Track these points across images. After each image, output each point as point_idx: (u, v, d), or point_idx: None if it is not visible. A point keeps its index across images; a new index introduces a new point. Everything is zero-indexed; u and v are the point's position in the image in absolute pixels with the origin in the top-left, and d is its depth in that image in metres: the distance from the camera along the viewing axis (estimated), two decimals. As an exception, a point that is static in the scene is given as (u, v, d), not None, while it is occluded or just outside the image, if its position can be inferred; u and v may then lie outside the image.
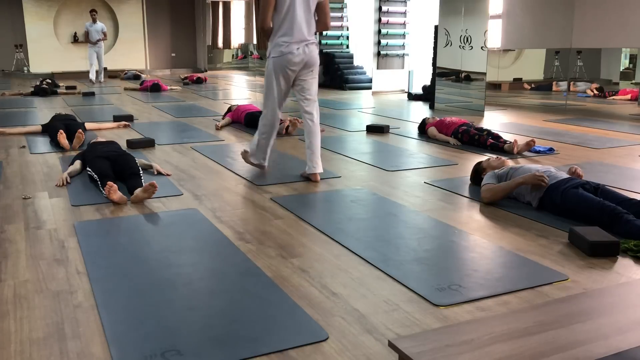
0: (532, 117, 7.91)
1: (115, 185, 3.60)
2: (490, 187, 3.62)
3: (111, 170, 4.03)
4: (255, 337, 1.99)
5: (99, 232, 3.14)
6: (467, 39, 8.44)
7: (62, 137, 5.37)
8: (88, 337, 2.01)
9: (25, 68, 16.33)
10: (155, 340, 1.96)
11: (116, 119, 7.13)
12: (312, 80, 4.22)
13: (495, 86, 11.16)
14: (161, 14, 17.96)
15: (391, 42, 11.39)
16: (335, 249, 2.87)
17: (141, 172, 3.99)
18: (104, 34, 13.29)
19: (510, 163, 4.02)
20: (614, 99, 10.07)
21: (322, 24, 4.17)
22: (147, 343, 1.95)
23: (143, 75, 14.61)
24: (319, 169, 4.23)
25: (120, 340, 1.97)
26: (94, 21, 13.16)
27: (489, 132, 5.57)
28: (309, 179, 4.24)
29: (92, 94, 10.85)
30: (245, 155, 4.52)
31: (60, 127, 5.61)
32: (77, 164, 4.36)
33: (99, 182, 3.86)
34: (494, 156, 4.09)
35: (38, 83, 11.63)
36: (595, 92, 10.43)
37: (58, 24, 16.41)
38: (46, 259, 2.73)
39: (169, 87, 11.94)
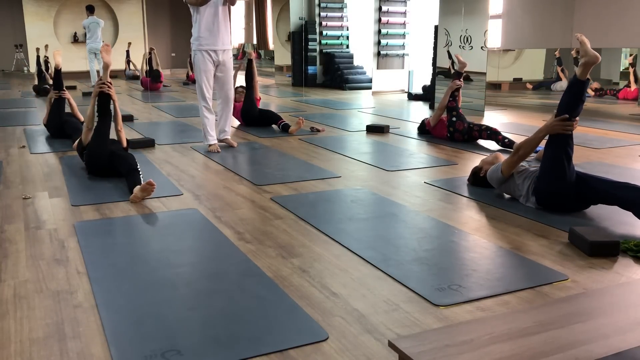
0: (532, 117, 7.91)
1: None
2: (510, 155, 3.56)
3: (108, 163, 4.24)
4: (255, 337, 1.99)
5: (99, 232, 3.13)
6: (467, 39, 8.44)
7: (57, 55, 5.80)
8: (88, 337, 2.01)
9: (25, 68, 16.33)
10: (155, 340, 1.96)
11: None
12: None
13: (495, 86, 11.16)
14: (161, 14, 17.95)
15: (391, 42, 11.38)
16: (335, 249, 2.87)
17: (139, 167, 3.99)
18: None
19: (503, 158, 4.02)
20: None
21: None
22: (147, 343, 1.95)
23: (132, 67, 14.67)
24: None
25: (120, 340, 1.97)
26: (92, 15, 11.84)
27: (487, 127, 5.59)
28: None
29: (92, 94, 10.84)
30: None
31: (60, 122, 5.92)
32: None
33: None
34: (490, 155, 4.11)
35: (37, 73, 11.68)
36: (597, 91, 10.43)
37: (58, 24, 16.39)
38: (46, 259, 2.73)
39: (164, 81, 12.09)
